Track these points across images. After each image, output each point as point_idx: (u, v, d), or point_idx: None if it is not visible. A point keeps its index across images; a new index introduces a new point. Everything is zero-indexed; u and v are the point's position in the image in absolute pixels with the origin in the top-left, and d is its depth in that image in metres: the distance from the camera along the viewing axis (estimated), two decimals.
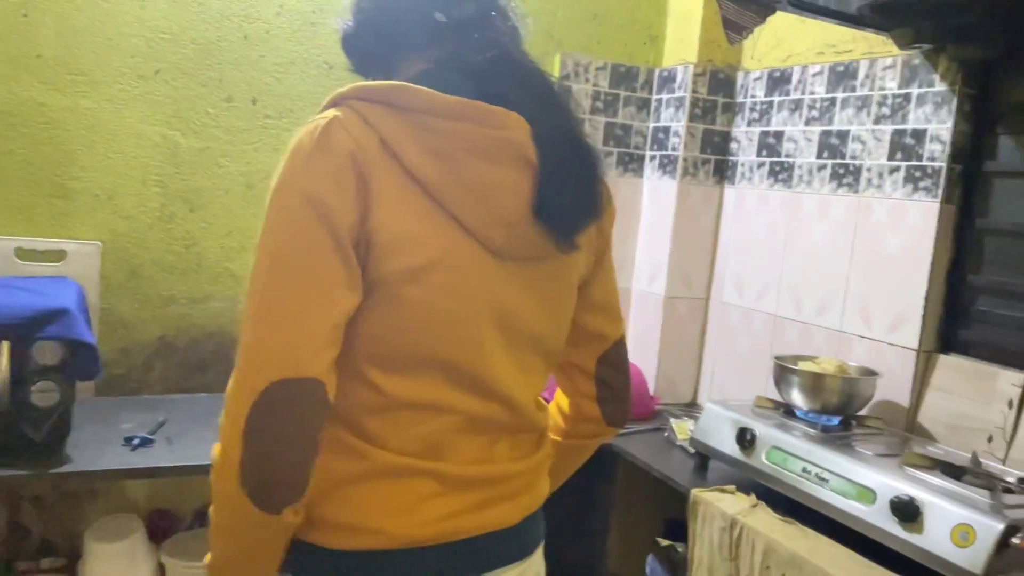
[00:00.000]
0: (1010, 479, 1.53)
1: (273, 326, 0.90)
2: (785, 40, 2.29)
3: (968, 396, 1.80)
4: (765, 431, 1.77)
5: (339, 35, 1.12)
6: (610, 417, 1.24)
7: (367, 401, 0.99)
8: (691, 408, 2.49)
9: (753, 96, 2.40)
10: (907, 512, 1.42)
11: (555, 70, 2.41)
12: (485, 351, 1.01)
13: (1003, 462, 1.69)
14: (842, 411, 1.83)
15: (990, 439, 1.73)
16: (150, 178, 2.00)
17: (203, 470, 1.63)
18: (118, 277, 2.00)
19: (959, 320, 1.88)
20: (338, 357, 0.94)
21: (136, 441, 1.67)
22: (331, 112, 0.95)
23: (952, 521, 1.37)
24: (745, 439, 1.78)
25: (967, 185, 1.86)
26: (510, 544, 1.07)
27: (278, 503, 0.92)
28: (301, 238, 0.91)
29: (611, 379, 1.22)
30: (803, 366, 1.88)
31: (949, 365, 1.85)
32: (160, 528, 1.97)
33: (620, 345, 1.23)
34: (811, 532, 1.58)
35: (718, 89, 2.45)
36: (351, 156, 0.92)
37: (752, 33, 1.74)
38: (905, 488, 1.46)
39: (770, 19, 1.76)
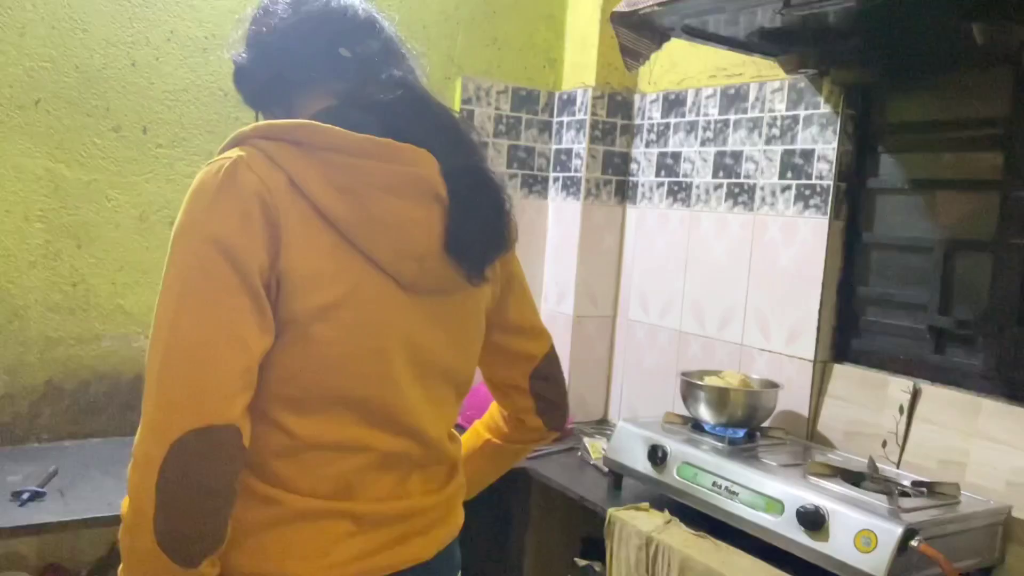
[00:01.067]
0: (905, 483, 1.61)
1: (183, 374, 0.88)
2: (679, 64, 2.36)
3: (862, 403, 1.89)
4: (676, 447, 1.80)
5: (231, 68, 1.09)
6: (551, 423, 1.30)
7: (276, 444, 0.97)
8: (602, 425, 2.52)
9: (650, 118, 2.47)
10: (813, 521, 1.47)
11: (456, 94, 2.42)
12: (397, 386, 1.01)
13: (897, 465, 1.77)
14: (747, 423, 1.88)
15: (884, 444, 1.81)
16: (32, 213, 1.89)
17: (100, 522, 1.56)
18: None
19: (851, 330, 1.97)
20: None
21: (25, 496, 1.57)
22: (235, 151, 0.92)
23: (855, 528, 1.43)
24: (657, 456, 1.81)
25: (853, 202, 1.96)
26: None
27: (197, 556, 0.89)
28: (208, 282, 0.88)
29: (546, 392, 1.27)
30: (709, 381, 1.94)
31: (843, 374, 1.94)
32: None
33: (549, 358, 1.28)
34: (723, 545, 1.61)
35: (616, 111, 2.50)
36: (258, 196, 0.90)
37: (648, 59, 1.79)
38: (810, 498, 1.51)
39: (665, 45, 1.82)
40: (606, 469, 1.99)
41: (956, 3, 1.44)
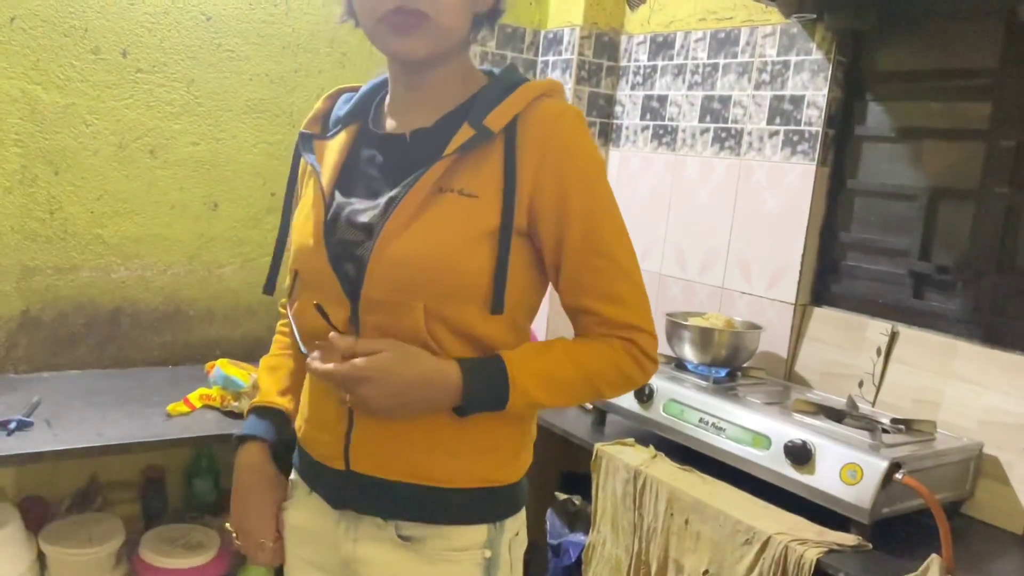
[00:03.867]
0: (884, 420, 1.67)
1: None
2: (668, 5, 2.35)
3: (840, 345, 1.94)
4: (662, 385, 1.84)
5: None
6: None
7: None
8: None
9: (637, 60, 2.45)
10: (800, 455, 1.53)
11: None
12: None
13: (873, 404, 1.84)
14: (729, 363, 1.93)
15: (860, 384, 1.88)
16: (7, 137, 1.81)
17: (90, 452, 1.54)
18: None
19: (831, 275, 2.02)
20: None
21: (12, 425, 1.54)
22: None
23: (840, 461, 1.48)
24: (644, 393, 1.85)
25: (839, 148, 1.99)
26: None
27: None
28: None
29: None
30: (693, 322, 1.97)
31: (823, 317, 1.99)
32: (35, 516, 1.82)
33: None
34: (710, 479, 1.67)
35: (602, 52, 2.48)
36: None
37: None
38: (796, 433, 1.56)
39: None
40: (589, 406, 2.03)
41: None
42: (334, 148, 1.10)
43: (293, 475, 1.17)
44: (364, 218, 1.02)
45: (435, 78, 1.05)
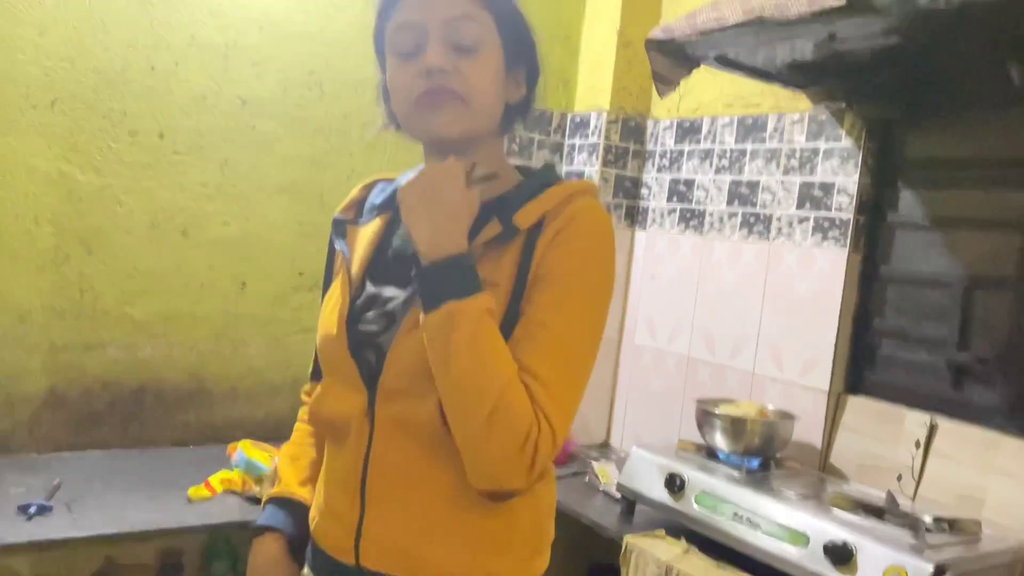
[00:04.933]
0: (926, 518, 1.61)
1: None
2: (694, 90, 2.37)
3: (877, 436, 1.89)
4: (693, 475, 1.79)
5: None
6: None
7: None
8: (605, 449, 2.51)
9: (663, 144, 2.47)
10: (841, 555, 1.47)
11: None
12: None
13: (912, 500, 1.78)
14: (762, 453, 1.88)
15: (899, 478, 1.82)
16: (43, 216, 1.84)
17: (112, 540, 1.51)
18: (2, 323, 1.82)
19: (866, 363, 1.98)
20: None
21: (32, 509, 1.51)
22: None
23: (884, 563, 1.42)
24: (675, 484, 1.79)
25: (871, 235, 1.97)
26: None
27: None
28: None
29: None
30: (725, 410, 1.93)
31: (858, 406, 1.94)
32: None
33: None
34: None
35: (629, 136, 2.50)
36: None
37: (679, 86, 1.79)
38: (836, 531, 1.50)
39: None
40: (618, 495, 1.97)
41: (996, 44, 1.46)
42: (366, 235, 1.10)
43: (305, 570, 1.13)
44: (390, 307, 1.03)
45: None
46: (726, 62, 1.77)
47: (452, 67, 0.98)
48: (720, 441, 1.89)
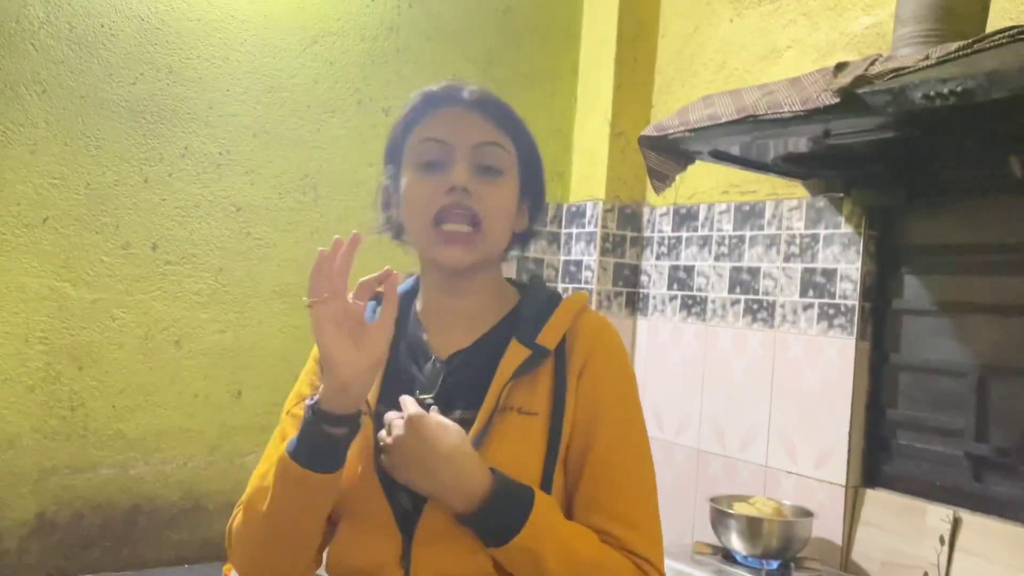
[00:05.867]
0: None
1: None
2: (689, 178, 2.36)
3: (898, 531, 1.82)
4: None
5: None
6: None
7: None
8: None
9: (661, 231, 2.46)
10: None
11: None
12: None
13: None
14: (781, 554, 1.80)
15: (925, 575, 1.74)
16: (33, 335, 1.80)
17: None
18: None
19: (882, 455, 1.91)
20: None
21: None
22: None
23: None
24: None
25: (878, 322, 1.93)
26: None
27: None
28: None
29: None
30: (740, 509, 1.86)
31: (877, 500, 1.87)
32: None
33: None
34: None
35: (626, 224, 2.49)
36: None
37: (674, 181, 1.78)
38: None
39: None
40: None
41: (993, 138, 1.45)
42: None
43: None
44: None
45: (473, 285, 1.04)
46: (720, 156, 1.76)
47: (475, 188, 0.98)
48: (737, 543, 1.82)
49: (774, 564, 1.79)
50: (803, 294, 2.03)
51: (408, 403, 0.94)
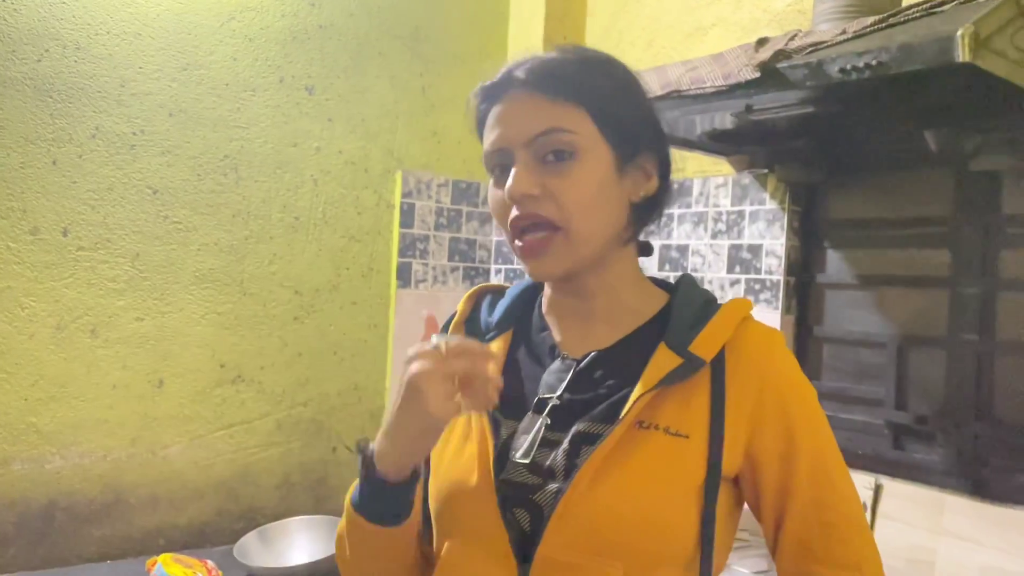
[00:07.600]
0: None
1: None
2: None
3: None
4: None
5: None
6: None
7: None
8: None
9: None
10: None
11: (397, 188, 2.35)
12: None
13: None
14: None
15: None
16: None
17: None
18: None
19: None
20: None
21: None
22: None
23: None
24: None
25: (802, 296, 1.97)
26: None
27: None
28: None
29: None
30: None
31: None
32: None
33: None
34: None
35: None
36: None
37: None
38: None
39: None
40: None
41: (909, 112, 1.48)
42: None
43: None
44: (541, 456, 0.86)
45: (593, 286, 0.93)
46: None
47: (541, 190, 0.85)
48: None
49: None
50: (730, 270, 2.06)
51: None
